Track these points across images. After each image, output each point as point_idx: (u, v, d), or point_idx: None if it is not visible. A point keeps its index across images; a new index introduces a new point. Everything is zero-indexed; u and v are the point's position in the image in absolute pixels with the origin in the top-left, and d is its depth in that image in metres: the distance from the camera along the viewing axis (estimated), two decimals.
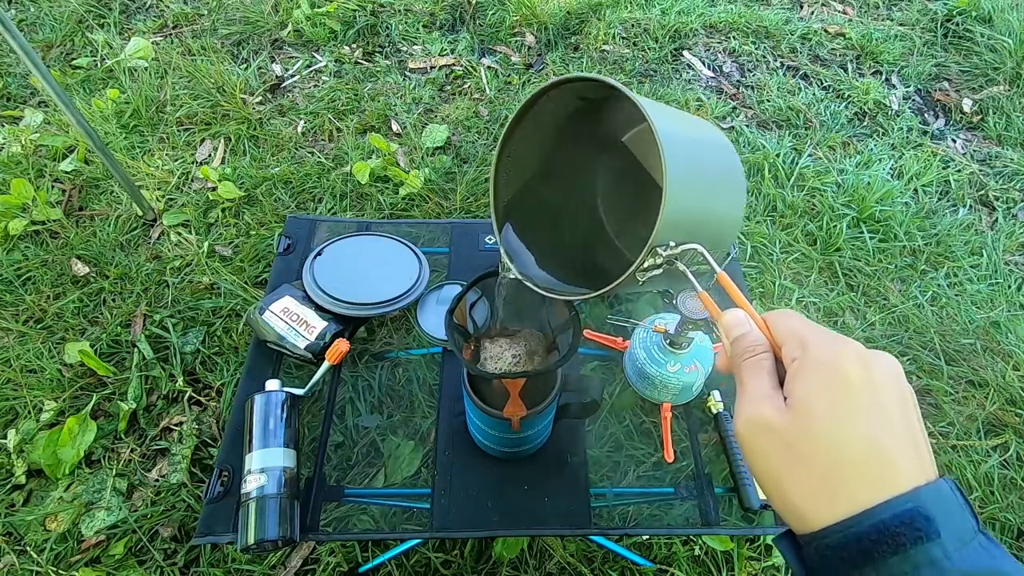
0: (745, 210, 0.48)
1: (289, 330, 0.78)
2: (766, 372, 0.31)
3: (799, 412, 0.28)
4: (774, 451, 0.29)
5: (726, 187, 0.45)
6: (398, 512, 0.70)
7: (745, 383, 0.31)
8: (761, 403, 0.30)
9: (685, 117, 0.46)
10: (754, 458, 0.30)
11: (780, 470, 0.28)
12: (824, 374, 0.28)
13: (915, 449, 0.27)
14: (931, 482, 0.26)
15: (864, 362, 0.28)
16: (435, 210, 1.59)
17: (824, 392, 0.28)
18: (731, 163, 0.46)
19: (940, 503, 0.26)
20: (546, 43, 2.09)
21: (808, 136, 1.84)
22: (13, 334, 1.31)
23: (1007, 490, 1.19)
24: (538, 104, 0.46)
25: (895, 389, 0.28)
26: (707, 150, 0.44)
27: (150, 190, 1.59)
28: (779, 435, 0.28)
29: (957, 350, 1.38)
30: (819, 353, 0.29)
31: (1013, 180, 1.77)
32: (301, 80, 1.94)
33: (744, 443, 0.30)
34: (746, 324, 0.33)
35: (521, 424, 0.60)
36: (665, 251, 0.38)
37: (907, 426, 0.28)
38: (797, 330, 0.31)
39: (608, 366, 0.83)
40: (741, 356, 0.32)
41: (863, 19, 2.29)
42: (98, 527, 1.08)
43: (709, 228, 0.42)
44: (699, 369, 0.73)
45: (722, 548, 1.07)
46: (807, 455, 0.28)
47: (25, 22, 2.04)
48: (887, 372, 0.28)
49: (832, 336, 0.30)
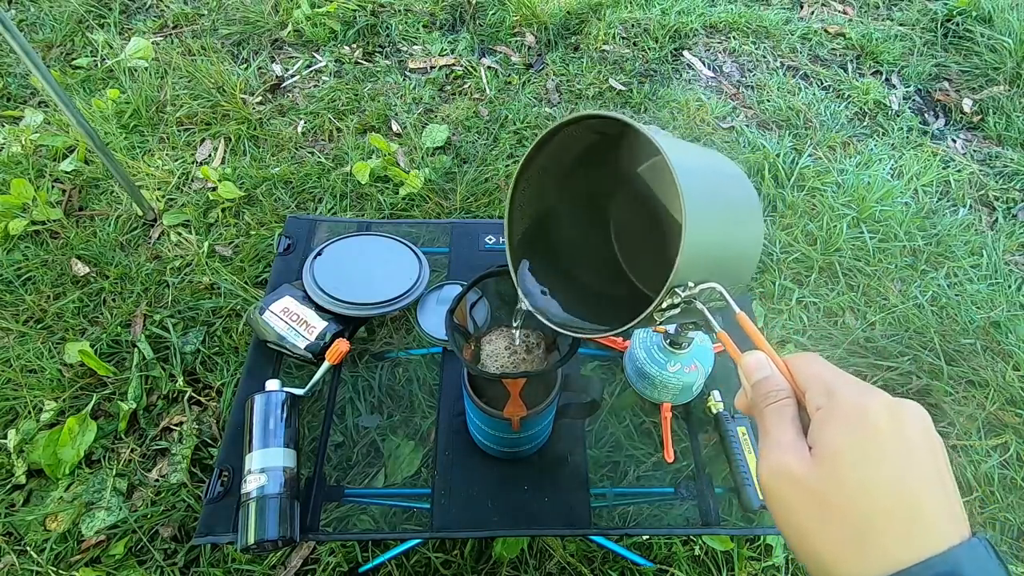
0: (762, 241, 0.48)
1: (289, 330, 0.78)
2: (789, 419, 0.30)
3: (826, 462, 0.27)
4: (800, 502, 0.28)
5: (745, 222, 0.44)
6: (398, 512, 0.70)
7: (768, 430, 0.31)
8: (786, 452, 0.29)
9: (700, 152, 0.46)
10: (779, 509, 0.29)
11: (807, 522, 0.28)
12: (852, 423, 0.28)
13: (948, 502, 0.27)
14: (965, 540, 0.25)
15: (893, 412, 0.28)
16: (435, 210, 1.59)
17: (852, 442, 0.27)
18: (748, 196, 0.45)
19: (975, 564, 0.25)
20: (546, 43, 2.09)
21: (808, 136, 1.84)
22: (13, 334, 1.31)
23: (1007, 490, 1.19)
24: (554, 139, 0.46)
25: (925, 440, 0.28)
26: (725, 186, 0.44)
27: (150, 190, 1.59)
28: (806, 486, 0.28)
29: (957, 350, 1.38)
30: (846, 401, 0.28)
31: (1013, 180, 1.77)
32: (301, 80, 1.94)
33: (769, 493, 0.29)
34: (767, 367, 0.33)
35: (521, 424, 0.60)
36: (684, 292, 0.37)
37: (939, 478, 0.27)
38: (822, 376, 0.30)
39: (608, 366, 0.83)
40: (763, 401, 0.32)
41: (863, 19, 2.29)
42: (98, 527, 1.08)
43: (728, 265, 0.42)
44: (699, 369, 0.73)
45: (722, 548, 1.07)
46: (836, 507, 0.27)
47: (25, 22, 2.04)
48: (916, 421, 0.28)
49: (858, 384, 0.29)
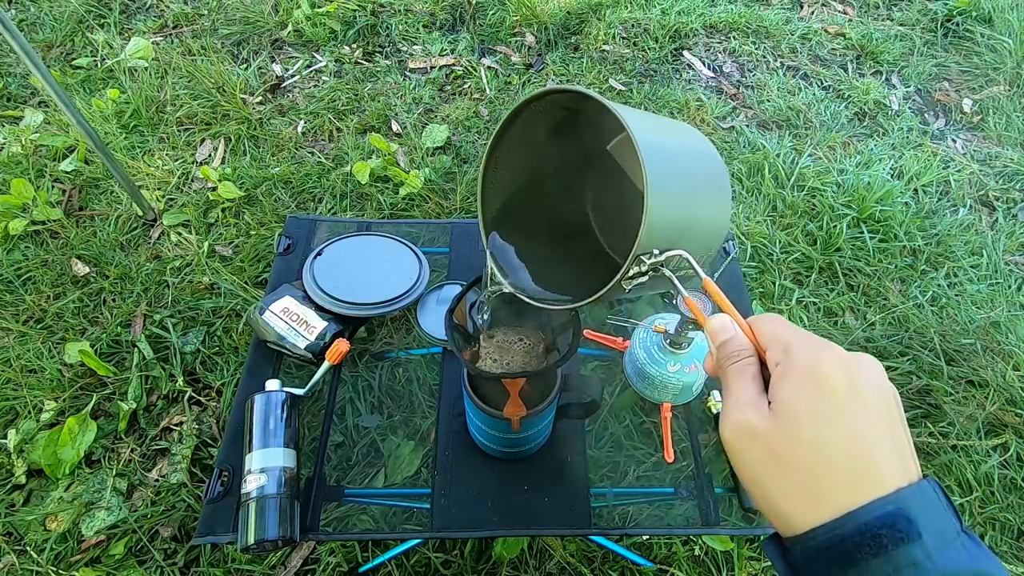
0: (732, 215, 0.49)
1: (289, 330, 0.78)
2: (751, 377, 0.31)
3: (782, 417, 0.29)
4: (759, 456, 0.29)
5: (709, 193, 0.45)
6: (398, 512, 0.70)
7: (731, 388, 0.32)
8: (746, 408, 0.30)
9: (667, 124, 0.46)
10: (740, 463, 0.30)
11: (765, 474, 0.29)
12: (806, 379, 0.29)
13: (897, 450, 0.28)
14: (913, 483, 0.27)
15: (846, 365, 0.28)
16: (435, 210, 1.59)
17: (806, 396, 0.28)
18: (715, 168, 0.46)
19: (922, 504, 0.26)
20: (546, 43, 2.09)
21: (808, 136, 1.84)
22: (13, 334, 1.31)
23: (1007, 490, 1.19)
24: (522, 116, 0.47)
25: (877, 391, 0.29)
26: (689, 157, 0.45)
27: (150, 190, 1.59)
28: (763, 440, 0.29)
29: (957, 350, 1.38)
30: (801, 358, 0.29)
31: (1013, 180, 1.77)
32: (301, 80, 1.94)
33: (730, 448, 0.31)
34: (731, 329, 0.34)
35: (521, 424, 0.60)
36: (649, 259, 0.38)
37: (889, 428, 0.28)
38: (780, 335, 0.31)
39: (608, 366, 0.83)
40: (727, 361, 0.33)
41: (863, 19, 2.29)
42: (98, 527, 1.08)
43: (694, 234, 0.43)
44: (699, 369, 0.73)
45: (722, 548, 1.07)
46: (790, 459, 0.28)
47: (25, 22, 2.04)
48: (869, 374, 0.29)
49: (814, 340, 0.30)
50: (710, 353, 0.35)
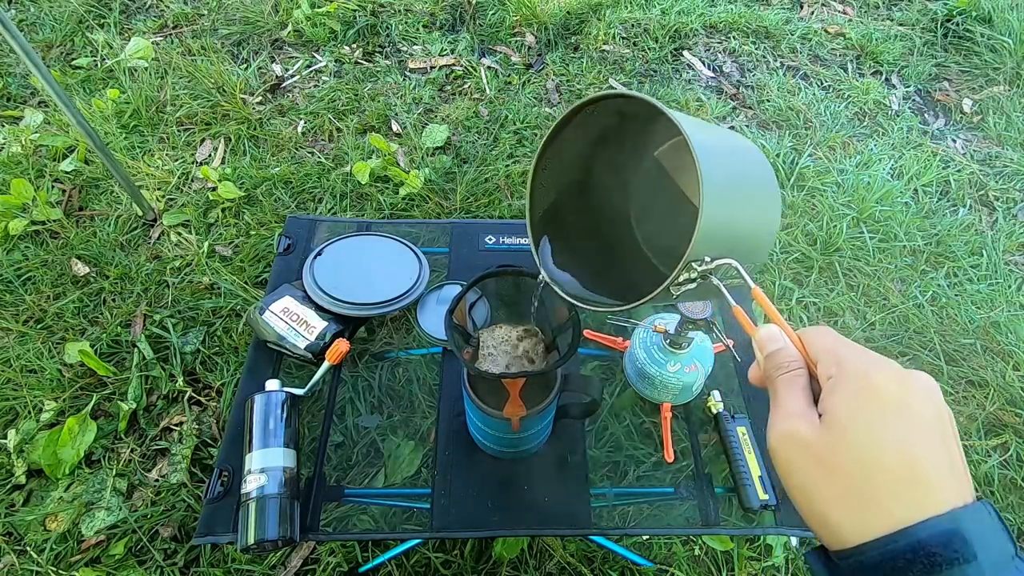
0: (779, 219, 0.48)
1: (289, 330, 0.78)
2: (801, 388, 0.31)
3: (834, 427, 0.28)
4: (807, 466, 0.29)
5: (761, 199, 0.45)
6: (398, 512, 0.70)
7: (780, 398, 0.31)
8: (795, 419, 0.30)
9: (717, 130, 0.46)
10: (787, 473, 0.30)
11: (813, 485, 0.28)
12: (859, 390, 0.28)
13: (952, 468, 0.27)
14: (968, 504, 0.26)
15: (901, 380, 0.28)
16: (435, 210, 1.59)
17: (859, 407, 0.28)
18: (765, 173, 0.46)
19: (978, 525, 0.25)
20: (546, 43, 2.09)
21: (808, 136, 1.84)
22: (13, 334, 1.31)
23: (1007, 490, 1.19)
24: (576, 119, 0.47)
25: (933, 408, 0.28)
26: (741, 161, 0.44)
27: (150, 190, 1.59)
28: (813, 450, 0.28)
29: (957, 350, 1.38)
30: (855, 370, 0.29)
31: (1013, 180, 1.77)
32: (301, 80, 1.94)
33: (777, 458, 0.30)
34: (780, 339, 0.33)
35: (521, 424, 0.60)
36: (700, 266, 0.38)
37: (944, 445, 0.27)
38: (833, 348, 0.31)
39: (608, 366, 0.83)
40: (776, 371, 0.32)
41: (863, 19, 2.29)
42: (98, 527, 1.08)
43: (744, 241, 0.42)
44: (699, 369, 0.73)
45: (722, 548, 1.07)
46: (841, 470, 0.27)
47: (25, 22, 2.04)
48: (924, 391, 0.28)
49: (868, 354, 0.30)
50: (757, 363, 0.35)
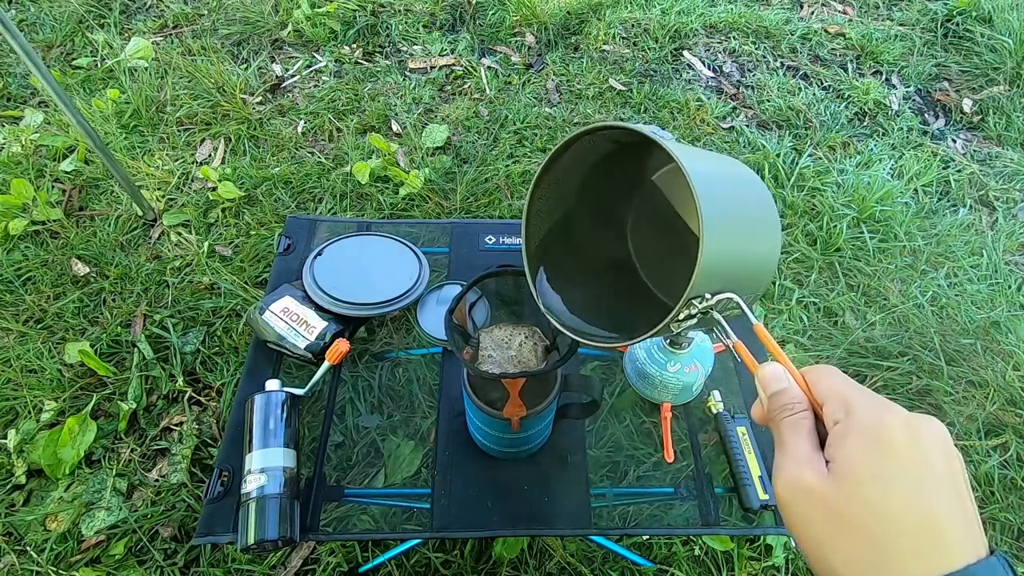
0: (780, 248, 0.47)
1: (289, 330, 0.78)
2: (806, 432, 0.31)
3: (844, 478, 0.28)
4: (817, 517, 0.28)
5: (763, 232, 0.44)
6: (398, 512, 0.70)
7: (785, 442, 0.31)
8: (802, 466, 0.29)
9: (716, 160, 0.45)
10: (795, 522, 0.29)
11: (823, 538, 0.28)
12: (870, 440, 0.28)
13: (965, 521, 0.27)
14: (982, 560, 0.26)
15: (912, 429, 0.28)
16: (435, 210, 1.59)
17: (870, 459, 0.27)
18: (766, 206, 0.45)
19: None
20: (546, 43, 2.09)
21: (808, 136, 1.84)
22: (13, 334, 1.31)
23: (1007, 490, 1.19)
24: (572, 148, 0.46)
25: (944, 458, 0.28)
26: (743, 196, 0.43)
27: (150, 190, 1.59)
28: (823, 501, 0.28)
29: (957, 350, 1.38)
30: (864, 417, 0.28)
31: (1013, 180, 1.77)
32: (301, 80, 1.94)
33: (784, 506, 0.30)
34: (784, 379, 0.33)
35: (521, 424, 0.60)
36: (701, 303, 0.37)
37: (956, 495, 0.27)
38: (840, 390, 0.30)
39: (608, 366, 0.83)
40: (780, 414, 0.32)
41: (863, 19, 2.29)
42: (98, 527, 1.08)
43: (745, 274, 0.41)
44: (699, 369, 0.73)
45: (722, 548, 1.07)
46: (852, 523, 0.27)
47: (25, 22, 2.04)
48: (935, 440, 0.28)
49: (876, 399, 0.30)
50: (759, 401, 0.34)
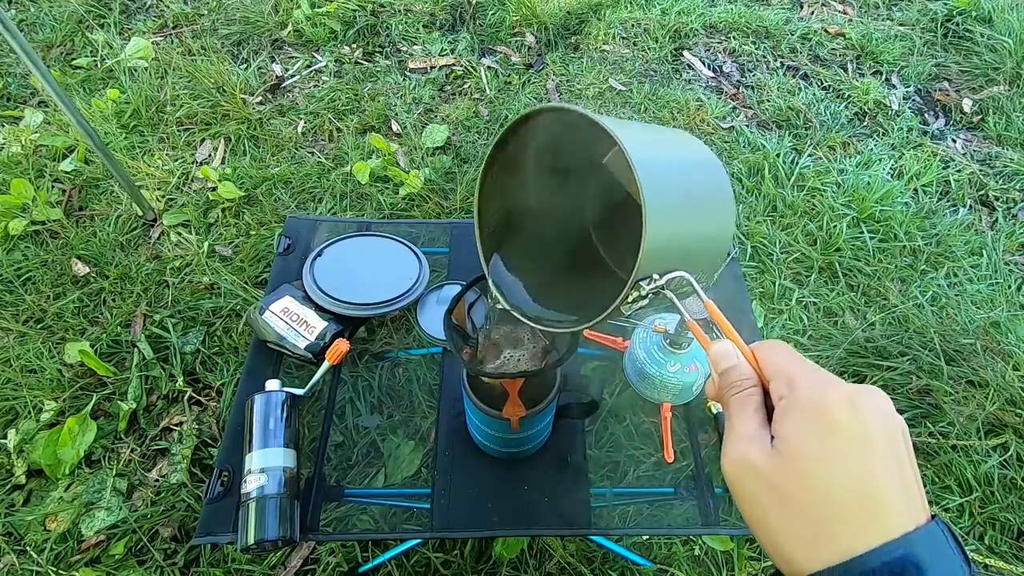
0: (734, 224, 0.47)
1: (289, 330, 0.78)
2: (752, 409, 0.31)
3: (786, 455, 0.28)
4: (760, 494, 0.29)
5: (712, 208, 0.43)
6: (398, 512, 0.70)
7: (732, 420, 0.31)
8: (747, 444, 0.29)
9: (664, 137, 0.44)
10: (741, 499, 0.30)
11: (767, 513, 0.28)
12: (811, 415, 0.28)
13: (905, 491, 0.27)
14: (921, 526, 0.26)
15: (852, 402, 0.28)
16: (435, 210, 1.59)
17: (811, 434, 0.28)
18: (717, 181, 0.44)
19: (930, 549, 0.25)
20: (546, 43, 2.09)
21: (808, 136, 1.84)
22: (13, 334, 1.31)
23: (1007, 490, 1.19)
24: (514, 136, 0.45)
25: (885, 430, 0.28)
26: (690, 171, 0.42)
27: (150, 190, 1.59)
28: (765, 478, 0.28)
29: (957, 350, 1.38)
30: (806, 393, 0.29)
31: (1013, 180, 1.77)
32: (301, 80, 1.94)
33: (731, 483, 0.30)
34: (734, 356, 0.33)
35: (521, 424, 0.60)
36: (649, 284, 0.37)
37: (898, 467, 0.27)
38: (784, 366, 0.31)
39: (608, 366, 0.83)
40: (729, 391, 0.32)
41: (863, 19, 2.29)
42: (98, 527, 1.08)
43: (696, 253, 0.41)
44: (699, 369, 0.73)
45: (722, 548, 1.07)
46: (794, 499, 0.27)
47: (25, 22, 2.04)
48: (876, 411, 0.28)
49: (819, 374, 0.30)
50: (712, 378, 0.34)
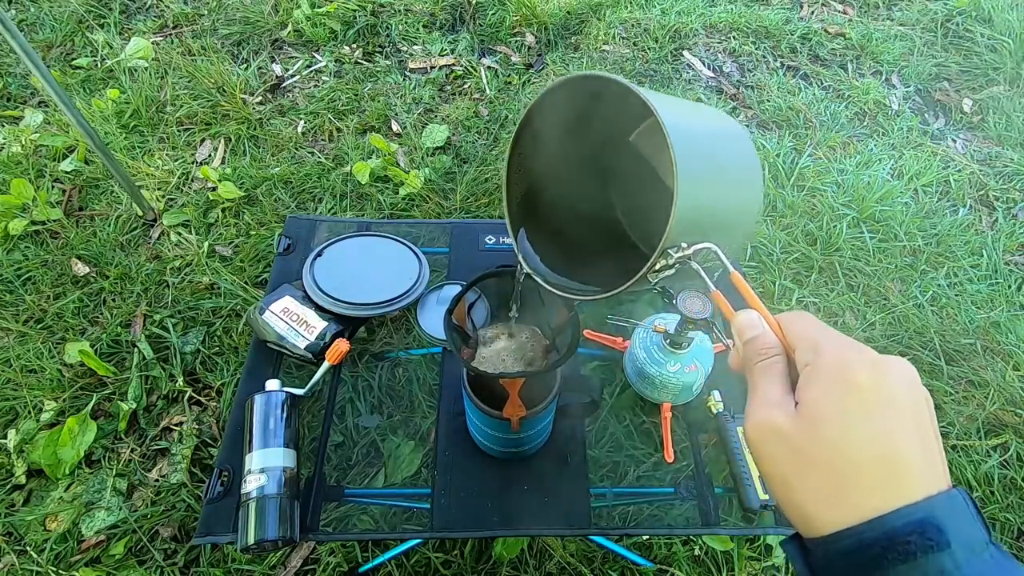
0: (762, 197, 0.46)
1: (289, 330, 0.78)
2: (778, 376, 0.31)
3: (809, 418, 0.28)
4: (783, 456, 0.29)
5: (741, 180, 0.43)
6: (398, 512, 0.70)
7: (757, 386, 0.31)
8: (772, 408, 0.30)
9: (695, 108, 0.44)
10: (763, 462, 0.30)
11: (789, 474, 0.29)
12: (835, 380, 0.28)
13: (927, 457, 0.27)
14: (943, 491, 0.26)
15: (877, 368, 0.28)
16: (435, 210, 1.59)
17: (835, 398, 0.28)
18: (745, 153, 0.44)
19: (952, 513, 0.26)
20: (546, 43, 2.09)
21: (808, 136, 1.84)
22: (13, 334, 1.31)
23: (1007, 490, 1.19)
24: (546, 102, 0.45)
25: (908, 395, 0.28)
26: (720, 142, 0.42)
27: (150, 190, 1.59)
28: (789, 440, 0.29)
29: (957, 350, 1.38)
30: (831, 358, 0.29)
31: (1013, 180, 1.77)
32: (301, 80, 1.94)
33: (753, 447, 0.30)
34: (759, 325, 0.33)
35: (521, 424, 0.60)
36: (677, 252, 0.37)
37: (920, 433, 0.28)
38: (810, 334, 0.31)
39: (608, 366, 0.83)
40: (753, 358, 0.32)
41: (863, 19, 2.29)
42: (98, 527, 1.08)
43: (724, 224, 0.41)
44: (699, 369, 0.73)
45: (722, 548, 1.07)
46: (817, 460, 0.28)
47: (25, 22, 2.04)
48: (901, 378, 0.28)
49: (845, 341, 0.30)
50: (735, 349, 0.34)
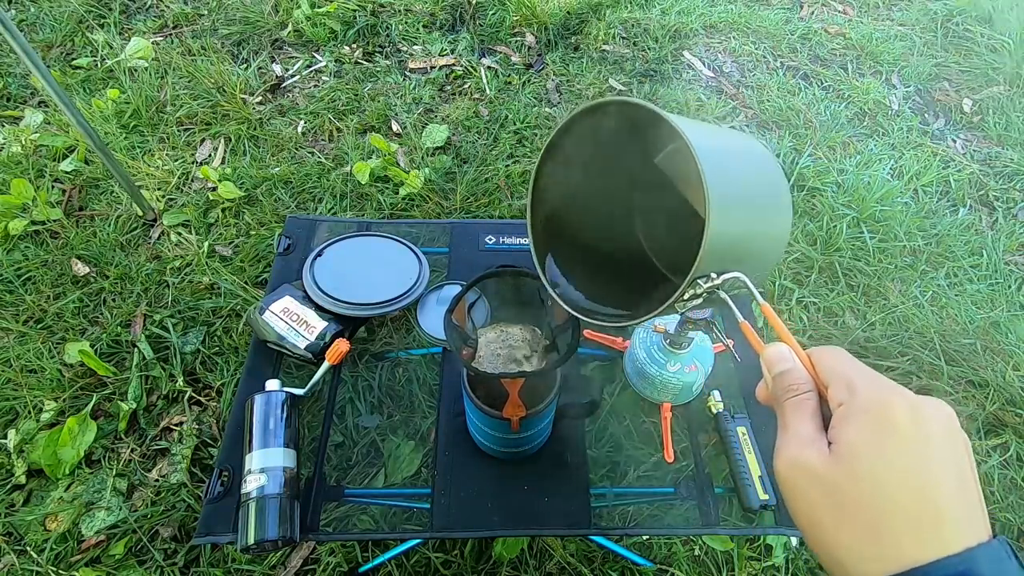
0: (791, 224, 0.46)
1: (289, 330, 0.78)
2: (810, 413, 0.30)
3: (844, 459, 0.27)
4: (817, 497, 0.28)
5: (771, 206, 0.42)
6: (398, 512, 0.70)
7: (788, 423, 0.30)
8: (805, 447, 0.29)
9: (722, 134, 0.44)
10: (795, 503, 0.29)
11: (822, 517, 0.28)
12: (873, 421, 0.27)
13: (967, 504, 0.26)
14: (983, 543, 0.25)
15: (916, 410, 0.27)
16: (435, 210, 1.59)
17: (871, 440, 0.27)
18: (776, 183, 0.43)
19: (993, 566, 0.24)
20: (546, 43, 2.09)
21: (808, 136, 1.84)
22: (13, 334, 1.31)
23: (1007, 490, 1.19)
24: (575, 126, 0.45)
25: (947, 439, 0.27)
26: (752, 174, 0.41)
27: (150, 190, 1.59)
28: (822, 481, 0.28)
29: (957, 350, 1.38)
30: (868, 398, 0.28)
31: (1013, 180, 1.77)
32: (301, 80, 1.94)
33: (784, 485, 0.30)
34: (790, 360, 0.32)
35: (521, 424, 0.60)
36: (706, 283, 0.36)
37: (960, 479, 0.27)
38: (844, 371, 0.30)
39: (608, 366, 0.83)
40: (784, 394, 0.31)
41: (863, 19, 2.29)
42: (98, 527, 1.08)
43: (753, 254, 0.40)
44: (699, 369, 0.73)
45: (722, 548, 1.07)
46: (852, 504, 0.27)
47: (25, 22, 2.04)
48: (939, 421, 0.27)
49: (881, 380, 0.29)
50: (764, 382, 0.34)
